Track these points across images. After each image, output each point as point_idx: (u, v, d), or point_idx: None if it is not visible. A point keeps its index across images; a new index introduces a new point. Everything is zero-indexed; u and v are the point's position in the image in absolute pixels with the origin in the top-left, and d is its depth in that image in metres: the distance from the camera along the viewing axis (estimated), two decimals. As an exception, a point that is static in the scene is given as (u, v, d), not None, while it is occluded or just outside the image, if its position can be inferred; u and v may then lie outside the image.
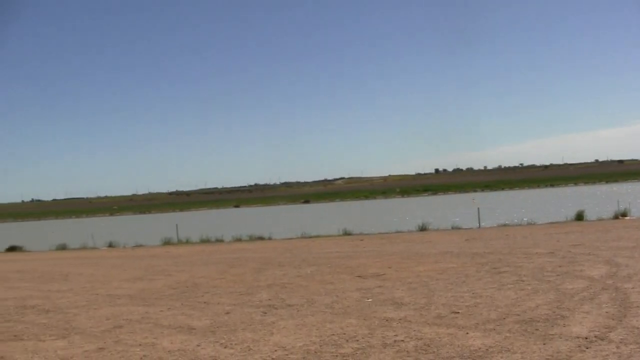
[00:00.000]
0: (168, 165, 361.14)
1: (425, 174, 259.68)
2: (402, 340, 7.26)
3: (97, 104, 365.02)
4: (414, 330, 7.70)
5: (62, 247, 31.32)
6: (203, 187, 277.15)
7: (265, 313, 9.56)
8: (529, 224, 27.32)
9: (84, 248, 30.41)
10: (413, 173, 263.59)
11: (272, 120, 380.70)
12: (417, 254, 16.51)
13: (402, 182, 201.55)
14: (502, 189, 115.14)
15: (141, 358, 7.25)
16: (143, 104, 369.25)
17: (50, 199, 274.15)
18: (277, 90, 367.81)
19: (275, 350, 7.23)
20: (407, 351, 6.82)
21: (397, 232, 27.58)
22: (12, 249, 32.61)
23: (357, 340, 7.42)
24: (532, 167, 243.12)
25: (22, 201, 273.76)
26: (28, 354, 7.78)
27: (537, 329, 7.31)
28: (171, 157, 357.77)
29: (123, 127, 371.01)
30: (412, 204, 78.75)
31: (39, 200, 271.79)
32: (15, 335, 8.96)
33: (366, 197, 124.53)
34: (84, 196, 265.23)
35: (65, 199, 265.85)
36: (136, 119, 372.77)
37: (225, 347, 7.54)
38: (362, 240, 23.29)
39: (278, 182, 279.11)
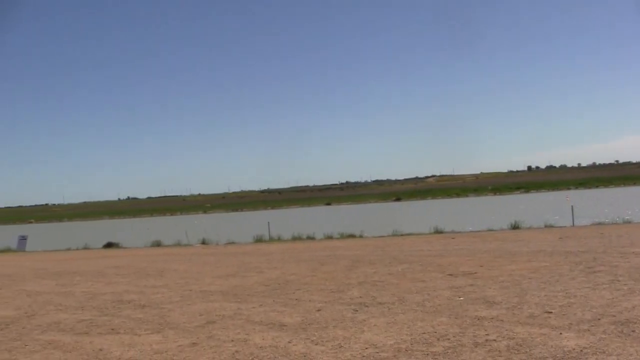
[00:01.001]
0: (260, 163, 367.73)
1: (517, 172, 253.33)
2: (494, 340, 7.18)
3: (191, 104, 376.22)
4: (506, 330, 7.60)
5: (157, 244, 32.39)
6: (294, 185, 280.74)
7: (356, 311, 9.59)
8: (625, 222, 26.35)
9: (178, 245, 31.33)
10: (505, 171, 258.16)
11: (364, 118, 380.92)
12: (509, 253, 16.23)
13: (494, 179, 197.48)
14: (597, 186, 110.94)
15: (233, 354, 7.43)
16: (234, 105, 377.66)
17: (145, 197, 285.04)
18: (365, 87, 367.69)
19: (366, 348, 7.24)
20: (499, 351, 6.72)
21: (489, 230, 27.16)
22: (109, 245, 34.03)
23: (448, 339, 7.37)
24: (628, 164, 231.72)
25: (119, 199, 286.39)
26: (124, 347, 8.11)
27: (633, 331, 7.07)
28: (263, 156, 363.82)
29: (217, 127, 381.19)
30: (504, 201, 77.14)
31: (134, 198, 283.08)
32: (112, 329, 9.36)
33: (457, 195, 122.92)
34: (178, 194, 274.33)
35: (159, 197, 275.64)
36: (228, 119, 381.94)
37: (316, 344, 7.61)
38: (453, 238, 22.98)
39: (369, 180, 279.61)
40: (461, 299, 9.98)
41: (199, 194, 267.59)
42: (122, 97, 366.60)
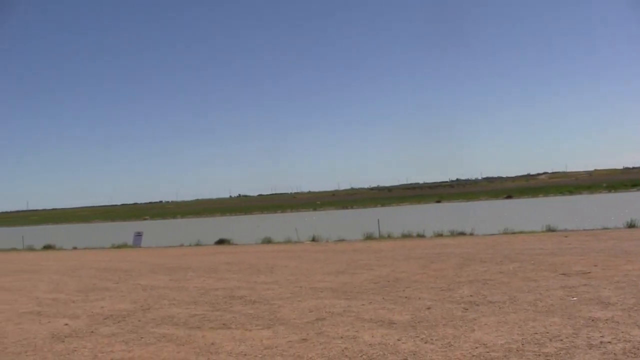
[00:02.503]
0: (370, 160, 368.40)
1: (634, 168, 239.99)
2: (609, 342, 6.95)
3: (303, 102, 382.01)
4: (622, 332, 7.34)
5: (268, 241, 33.04)
6: (404, 182, 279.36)
7: (467, 309, 9.51)
8: None
9: (288, 242, 31.85)
10: (621, 167, 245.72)
11: (478, 112, 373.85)
12: (626, 252, 15.69)
13: (609, 176, 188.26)
14: None
15: (342, 350, 7.50)
16: (348, 103, 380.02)
17: (256, 194, 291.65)
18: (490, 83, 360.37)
19: (476, 347, 7.16)
20: (614, 353, 6.49)
21: (604, 228, 26.12)
22: (221, 242, 35.08)
23: (561, 340, 7.21)
24: None
25: (230, 196, 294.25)
26: (235, 342, 8.35)
27: None
28: (373, 153, 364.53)
29: (327, 124, 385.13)
30: (619, 199, 73.69)
31: (245, 196, 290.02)
32: (224, 324, 9.66)
33: (570, 193, 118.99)
34: (288, 192, 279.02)
35: (270, 195, 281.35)
36: (339, 116, 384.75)
37: (425, 343, 7.58)
38: (566, 236, 22.24)
39: (480, 177, 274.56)
40: (574, 299, 9.76)
41: (309, 192, 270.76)
42: (232, 96, 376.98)
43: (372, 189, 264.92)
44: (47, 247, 39.81)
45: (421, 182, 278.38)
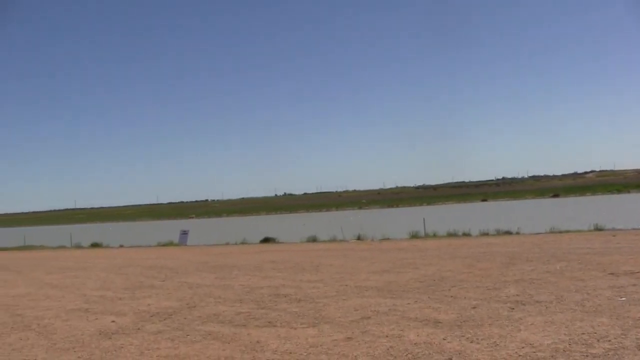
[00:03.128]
0: (415, 159, 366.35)
1: None
2: (658, 343, 6.79)
3: (348, 101, 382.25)
4: (672, 333, 7.15)
5: (313, 239, 33.14)
6: (450, 181, 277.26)
7: (513, 309, 9.42)
8: None
9: (333, 240, 31.90)
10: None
11: (521, 111, 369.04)
12: None
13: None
14: None
15: (387, 349, 7.48)
16: (391, 100, 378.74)
17: (301, 193, 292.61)
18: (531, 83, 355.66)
19: (523, 347, 7.09)
20: (665, 355, 6.34)
21: (654, 227, 25.52)
22: (266, 240, 35.32)
23: (609, 341, 7.10)
24: None
25: (275, 195, 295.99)
26: (281, 340, 8.40)
27: None
28: (419, 152, 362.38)
29: (371, 123, 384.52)
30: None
31: (290, 195, 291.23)
32: (269, 322, 9.72)
33: (618, 191, 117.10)
34: (334, 190, 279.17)
35: (315, 193, 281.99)
36: (383, 115, 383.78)
37: (471, 342, 7.53)
38: (614, 236, 21.84)
39: (526, 176, 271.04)
40: (623, 299, 9.59)
41: (354, 190, 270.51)
42: (276, 95, 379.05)
43: (417, 187, 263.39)
44: (95, 245, 40.63)
45: (467, 180, 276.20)
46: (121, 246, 38.63)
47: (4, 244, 47.97)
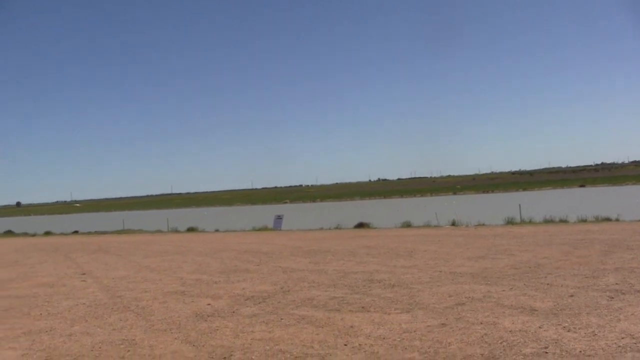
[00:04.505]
0: (511, 144, 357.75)
1: None
2: None
3: (449, 87, 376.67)
4: None
5: (407, 225, 32.94)
6: (547, 166, 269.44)
7: (612, 298, 9.15)
8: None
9: (427, 226, 31.59)
10: None
11: (625, 94, 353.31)
12: None
13: None
14: None
15: (482, 336, 7.38)
16: (490, 85, 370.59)
17: (395, 178, 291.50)
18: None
19: (622, 338, 6.87)
20: None
21: None
22: (360, 225, 35.34)
23: None
24: None
25: (369, 180, 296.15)
26: (374, 325, 8.42)
27: None
28: (514, 136, 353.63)
29: (465, 108, 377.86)
30: None
31: (385, 180, 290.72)
32: (363, 307, 9.76)
33: None
34: (428, 176, 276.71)
35: (409, 179, 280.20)
36: (477, 102, 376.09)
37: (568, 331, 7.34)
38: None
39: (627, 161, 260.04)
40: None
41: (449, 176, 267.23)
42: (372, 80, 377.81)
43: (513, 173, 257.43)
44: (191, 230, 41.67)
45: (564, 166, 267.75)
46: (217, 231, 39.48)
47: (104, 228, 50.01)
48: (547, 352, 6.62)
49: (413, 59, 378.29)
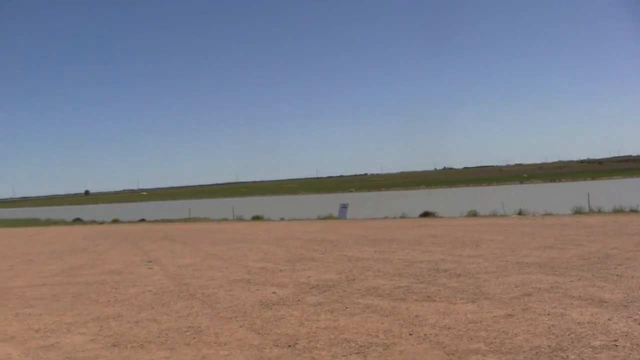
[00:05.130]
0: (579, 131, 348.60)
1: None
2: None
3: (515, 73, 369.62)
4: None
5: (473, 214, 32.53)
6: (616, 154, 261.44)
7: (688, 291, 8.78)
8: None
9: (493, 215, 31.13)
10: None
11: None
12: None
13: None
14: None
15: (549, 328, 7.24)
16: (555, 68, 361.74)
17: (461, 167, 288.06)
18: None
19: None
20: None
21: None
22: (425, 214, 35.07)
23: None
24: None
25: (435, 169, 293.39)
26: (439, 314, 8.36)
27: None
28: (583, 123, 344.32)
29: (532, 93, 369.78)
30: None
31: (450, 168, 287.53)
32: (428, 296, 9.70)
33: None
34: (495, 164, 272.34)
35: (475, 167, 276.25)
36: (551, 86, 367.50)
37: (639, 324, 7.13)
38: None
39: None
40: None
41: (516, 164, 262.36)
42: (440, 67, 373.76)
43: (581, 161, 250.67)
44: (256, 218, 42.05)
45: (634, 154, 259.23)
46: (282, 219, 39.75)
47: (171, 216, 50.94)
48: (616, 345, 6.44)
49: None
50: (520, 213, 30.88)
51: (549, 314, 7.90)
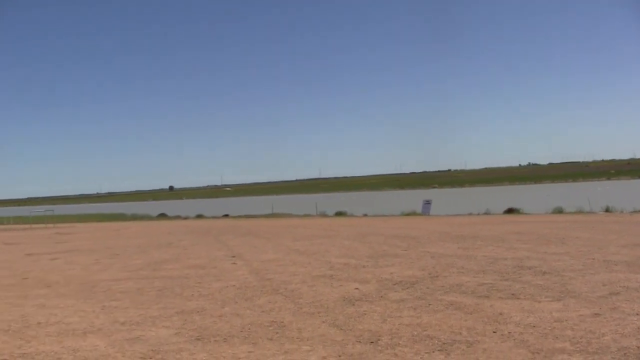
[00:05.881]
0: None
1: None
2: None
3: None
4: None
5: (559, 210, 31.67)
6: None
7: None
8: None
9: (579, 212, 30.23)
10: None
11: None
12: None
13: None
14: None
15: (638, 328, 6.94)
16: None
17: (546, 163, 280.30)
18: None
19: None
20: None
21: None
22: (509, 211, 34.37)
23: None
24: None
25: (519, 165, 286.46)
26: (524, 313, 8.14)
27: None
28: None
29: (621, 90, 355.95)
30: None
31: (535, 164, 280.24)
32: (512, 294, 9.46)
33: None
34: (581, 160, 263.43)
35: (561, 163, 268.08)
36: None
37: None
38: None
39: None
40: None
41: (602, 160, 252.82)
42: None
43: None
44: (339, 214, 42.18)
45: None
46: (365, 215, 39.73)
47: (254, 211, 51.70)
48: None
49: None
50: (607, 210, 29.85)
51: (638, 314, 7.58)
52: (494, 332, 7.24)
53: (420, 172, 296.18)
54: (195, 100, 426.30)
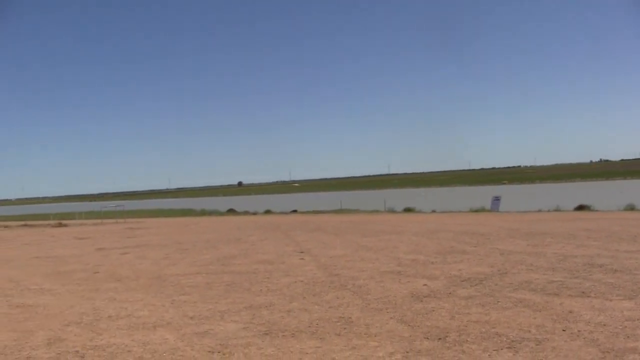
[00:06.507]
0: None
1: None
2: None
3: None
4: None
5: (631, 207, 30.61)
6: None
7: None
8: None
9: (654, 209, 29.14)
10: None
11: None
12: None
13: None
14: None
15: None
16: None
17: (618, 159, 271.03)
18: None
19: None
20: None
21: None
22: (580, 207, 33.41)
23: None
24: None
25: (590, 161, 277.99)
26: (594, 311, 7.92)
27: None
28: None
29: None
30: None
31: (606, 161, 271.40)
32: (582, 292, 9.21)
33: None
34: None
35: (634, 159, 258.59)
36: None
37: None
38: None
39: None
40: None
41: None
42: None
43: None
44: (407, 210, 41.80)
45: None
46: (433, 211, 39.30)
47: (322, 207, 51.72)
48: None
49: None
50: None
51: None
52: (563, 330, 7.07)
53: (489, 168, 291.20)
54: (263, 98, 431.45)
